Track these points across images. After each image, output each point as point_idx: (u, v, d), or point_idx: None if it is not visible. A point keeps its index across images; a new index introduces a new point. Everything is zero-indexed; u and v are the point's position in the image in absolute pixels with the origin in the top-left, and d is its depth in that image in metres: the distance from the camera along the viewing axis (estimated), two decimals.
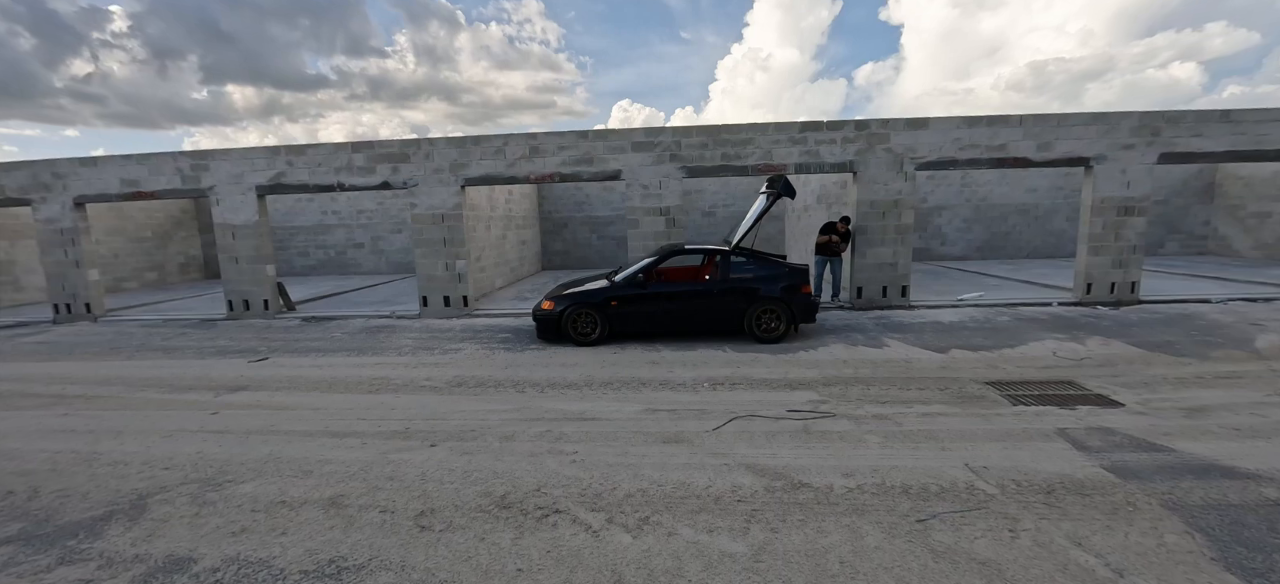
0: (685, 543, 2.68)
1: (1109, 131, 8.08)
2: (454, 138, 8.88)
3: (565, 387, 5.26)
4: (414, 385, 5.43)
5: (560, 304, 6.77)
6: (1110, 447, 3.66)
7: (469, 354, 6.57)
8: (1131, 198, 8.17)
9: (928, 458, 3.56)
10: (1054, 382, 5.05)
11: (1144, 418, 4.13)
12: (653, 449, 3.78)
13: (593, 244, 15.82)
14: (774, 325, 6.61)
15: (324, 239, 15.61)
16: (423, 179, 8.91)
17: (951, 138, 8.29)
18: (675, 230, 8.87)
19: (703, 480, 3.30)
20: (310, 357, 6.67)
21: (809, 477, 3.32)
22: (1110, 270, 8.30)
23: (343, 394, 5.23)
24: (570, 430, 4.15)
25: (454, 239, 9.02)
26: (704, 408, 4.58)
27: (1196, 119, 8.03)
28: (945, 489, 3.14)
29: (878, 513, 2.91)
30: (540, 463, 3.60)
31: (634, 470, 3.46)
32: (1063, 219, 14.74)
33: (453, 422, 4.41)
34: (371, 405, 4.87)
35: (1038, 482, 3.21)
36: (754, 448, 3.76)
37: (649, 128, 8.68)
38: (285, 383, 5.63)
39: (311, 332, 8.14)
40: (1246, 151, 8.03)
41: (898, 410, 4.42)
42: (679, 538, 2.72)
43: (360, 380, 5.64)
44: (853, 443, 3.82)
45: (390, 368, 6.08)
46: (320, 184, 9.08)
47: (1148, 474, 3.26)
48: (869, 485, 3.20)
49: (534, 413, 4.57)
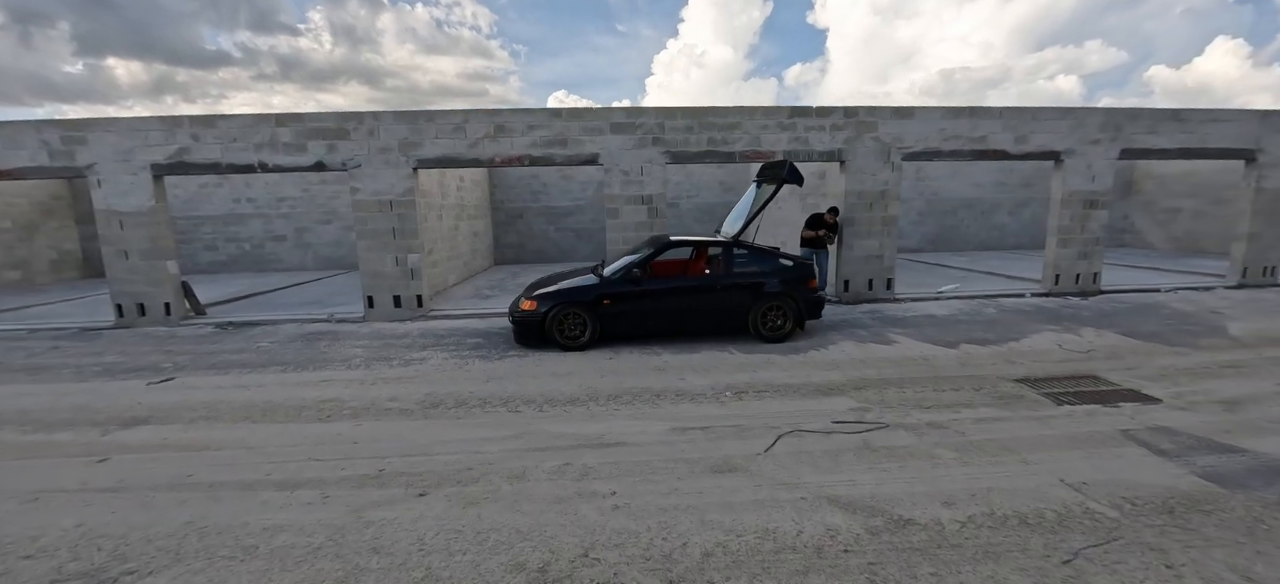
0: None
1: (1078, 127, 8.31)
2: (404, 112, 7.69)
3: (566, 402, 4.46)
4: (377, 408, 4.42)
5: (544, 304, 5.91)
6: (1184, 449, 3.43)
7: (437, 365, 5.57)
8: (1096, 191, 8.46)
9: (1017, 475, 3.14)
10: (1078, 376, 4.89)
11: (1190, 414, 3.99)
12: (705, 483, 3.11)
13: (550, 236, 14.81)
14: (781, 323, 6.13)
15: (236, 230, 13.51)
16: (366, 159, 7.65)
17: (936, 128, 8.21)
18: (658, 221, 8.21)
19: (787, 524, 2.68)
20: (232, 374, 5.39)
21: (906, 509, 2.79)
22: (1076, 262, 8.58)
23: (283, 424, 4.13)
24: (594, 461, 3.40)
25: (405, 230, 7.84)
26: (739, 423, 3.97)
27: (1152, 117, 8.43)
28: (1063, 516, 2.71)
29: (1013, 555, 2.42)
30: (573, 512, 2.82)
31: (696, 515, 2.77)
32: (1005, 213, 15.56)
33: (440, 458, 3.51)
34: (325, 439, 3.84)
35: (1149, 498, 2.86)
36: (823, 473, 3.20)
37: (629, 108, 7.94)
38: (202, 412, 4.41)
39: (230, 341, 6.72)
40: (1193, 149, 8.54)
41: (949, 417, 4.03)
42: None
43: (304, 404, 4.53)
44: (927, 460, 3.35)
45: (341, 386, 4.98)
46: (236, 163, 7.56)
47: (1246, 480, 3.02)
48: (979, 517, 2.72)
49: (540, 439, 3.75)
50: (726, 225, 7.75)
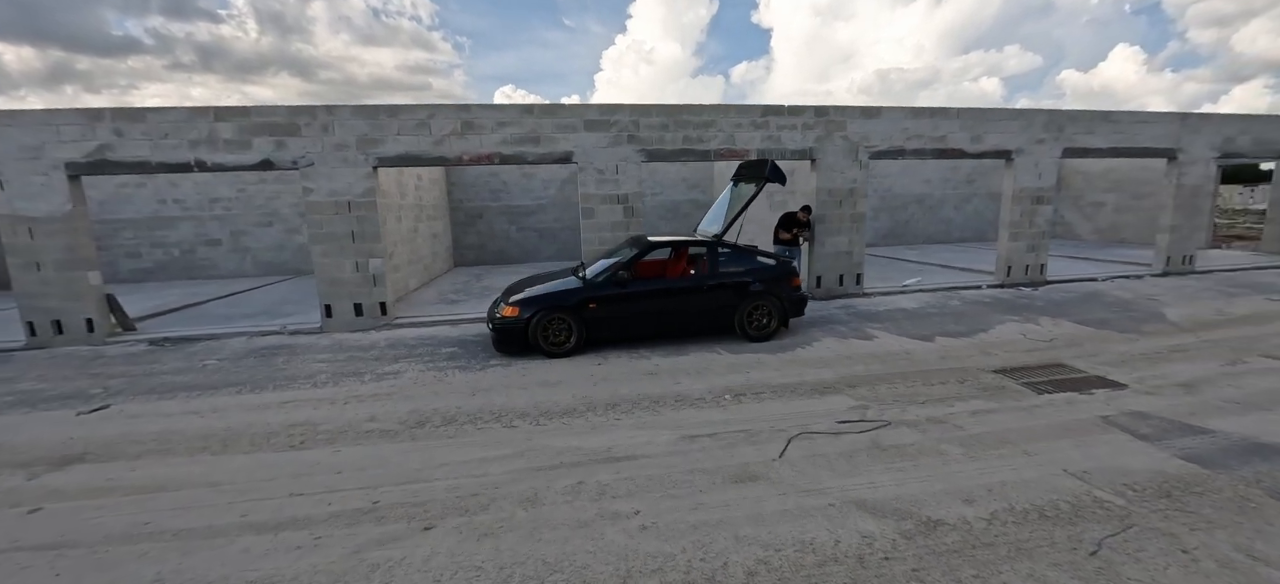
0: None
1: (1027, 127, 8.83)
2: (363, 107, 7.16)
3: (563, 414, 4.26)
4: (355, 431, 4.05)
5: (527, 309, 5.66)
6: (1161, 432, 3.66)
7: (414, 379, 5.21)
8: (1042, 188, 9.04)
9: (1023, 468, 3.25)
10: (1048, 365, 5.17)
11: (1156, 398, 4.28)
12: (728, 494, 3.03)
13: (512, 237, 14.34)
14: (766, 322, 6.15)
15: (163, 235, 12.23)
16: (321, 157, 7.07)
17: (900, 127, 8.50)
18: (634, 221, 8.07)
19: (822, 534, 2.63)
20: (179, 398, 4.82)
21: (932, 509, 2.81)
22: (1026, 254, 9.14)
23: (251, 455, 3.71)
24: (608, 478, 3.24)
25: (367, 232, 7.31)
26: (745, 427, 3.91)
27: (1089, 119, 9.08)
28: (1077, 506, 2.81)
29: (1043, 550, 2.47)
30: (600, 537, 2.66)
31: (728, 531, 2.68)
32: (950, 208, 16.44)
33: (439, 483, 3.24)
34: (303, 469, 3.48)
35: (1144, 483, 3.02)
36: (841, 476, 3.18)
37: (603, 105, 7.74)
38: (151, 445, 3.90)
39: (169, 360, 6.03)
40: (1123, 148, 9.27)
41: (944, 411, 4.13)
42: None
43: (271, 430, 4.10)
44: (936, 457, 3.41)
45: (310, 407, 4.55)
46: (169, 162, 6.79)
47: (1222, 460, 3.25)
48: (1001, 513, 2.77)
49: (545, 456, 3.55)
50: (704, 225, 7.73)
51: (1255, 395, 4.24)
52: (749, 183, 7.25)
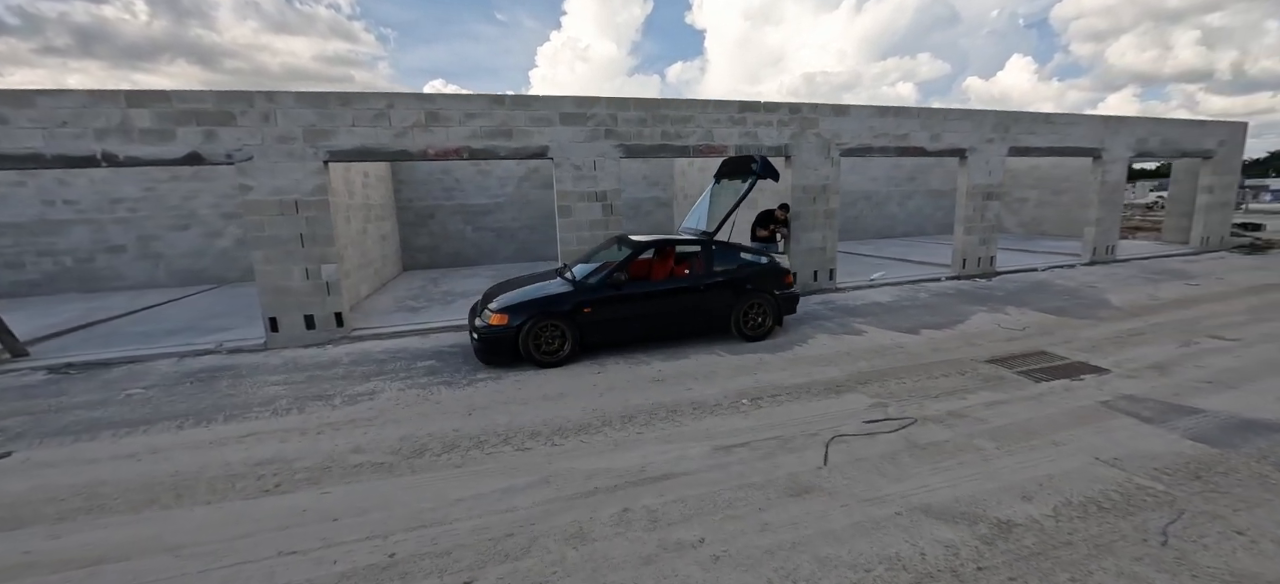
0: None
1: (978, 127, 9.35)
2: (309, 94, 6.36)
3: (577, 431, 3.91)
4: (340, 465, 3.50)
5: (517, 316, 5.22)
6: (1159, 415, 3.87)
7: (394, 399, 4.64)
8: (991, 185, 9.61)
9: (1059, 458, 3.29)
10: (1031, 353, 5.41)
11: (1138, 381, 4.55)
12: (790, 510, 2.84)
13: (467, 237, 13.52)
14: (762, 321, 6.06)
15: (52, 241, 10.41)
16: (261, 151, 6.21)
17: (867, 126, 8.72)
18: (613, 219, 7.76)
19: (904, 548, 2.49)
20: (103, 438, 3.99)
21: (995, 509, 2.76)
22: (979, 247, 9.69)
23: (214, 505, 3.09)
24: (653, 502, 2.95)
25: (318, 235, 6.52)
26: (777, 434, 3.75)
27: (1031, 120, 9.76)
28: (1126, 495, 2.86)
29: (1119, 544, 2.46)
30: (672, 574, 2.38)
31: (807, 553, 2.48)
32: (894, 205, 17.32)
33: (462, 524, 2.82)
34: (289, 519, 2.92)
35: (1172, 467, 3.14)
36: (894, 481, 3.08)
37: (580, 97, 7.35)
38: (77, 502, 3.15)
39: (80, 391, 5.04)
40: (1059, 147, 10.06)
41: (959, 404, 4.18)
42: None
43: (233, 471, 3.45)
44: (974, 453, 3.39)
45: (277, 439, 3.91)
46: (68, 155, 5.71)
47: (1224, 438, 3.46)
48: (1062, 508, 2.76)
49: (574, 483, 3.20)
50: (688, 222, 7.56)
51: (1220, 374, 4.61)
52: (732, 180, 7.16)
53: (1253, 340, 5.48)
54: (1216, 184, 11.41)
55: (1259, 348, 5.23)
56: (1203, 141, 11.14)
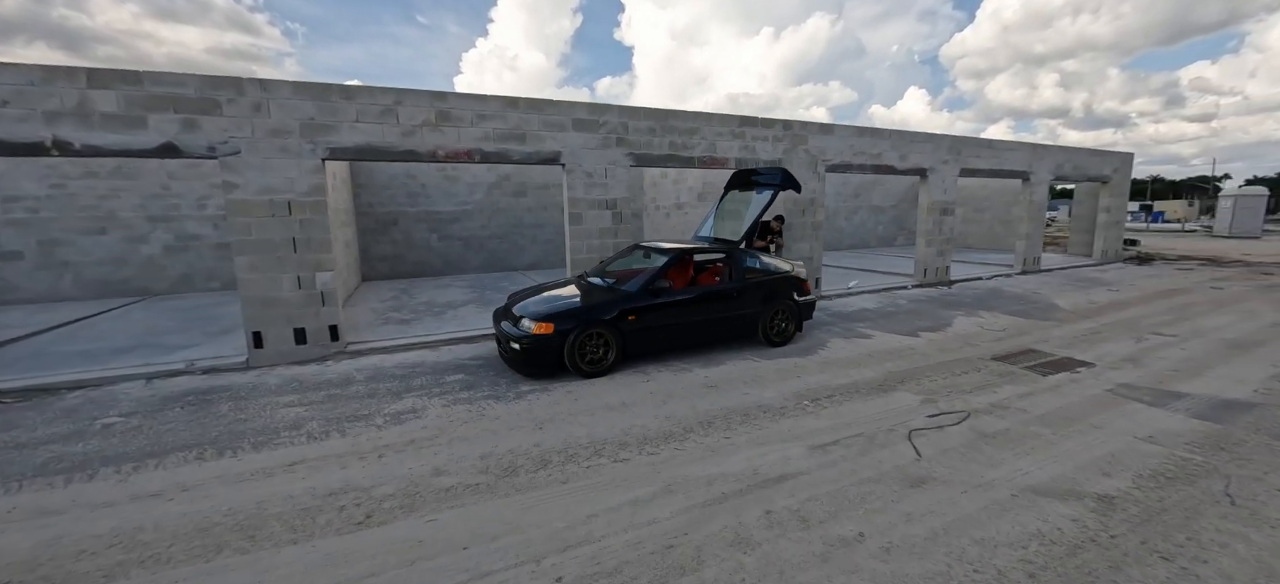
0: None
1: (936, 150, 10.35)
2: (308, 85, 5.80)
3: (662, 439, 3.86)
4: (428, 489, 3.20)
5: (564, 324, 5.04)
6: (1158, 399, 4.49)
7: (444, 416, 4.31)
8: (947, 201, 10.65)
9: (1107, 439, 3.73)
10: (1023, 351, 6.06)
11: (1121, 372, 5.25)
12: (921, 500, 2.99)
13: (433, 246, 12.77)
14: (785, 326, 6.29)
15: None
16: (250, 145, 5.56)
17: (848, 144, 9.37)
18: (623, 227, 7.72)
19: (1043, 524, 2.72)
20: (108, 478, 3.34)
21: (1088, 486, 3.09)
22: (936, 258, 10.68)
23: (304, 544, 2.71)
24: (789, 502, 2.99)
25: (313, 240, 5.92)
26: (857, 431, 3.93)
27: (976, 145, 10.96)
28: (1180, 465, 3.31)
29: (1201, 506, 2.85)
30: (855, 569, 2.43)
31: (963, 535, 2.64)
32: (842, 219, 18.59)
33: (611, 540, 2.69)
34: (407, 554, 2.63)
35: (1197, 440, 3.67)
36: (989, 467, 3.35)
37: (592, 104, 7.29)
38: (121, 555, 2.62)
39: (37, 423, 4.18)
40: (998, 169, 11.36)
41: (996, 398, 4.59)
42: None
43: (302, 505, 3.04)
44: (1037, 439, 3.76)
45: (335, 466, 3.49)
46: (9, 141, 4.78)
47: (1219, 416, 4.08)
48: (1142, 480, 3.14)
49: (696, 489, 3.16)
50: (701, 232, 7.68)
51: (1180, 364, 5.43)
52: (743, 191, 7.40)
53: (1187, 336, 6.50)
54: (1112, 205, 13.44)
55: (1195, 342, 6.22)
56: (1103, 168, 13.09)
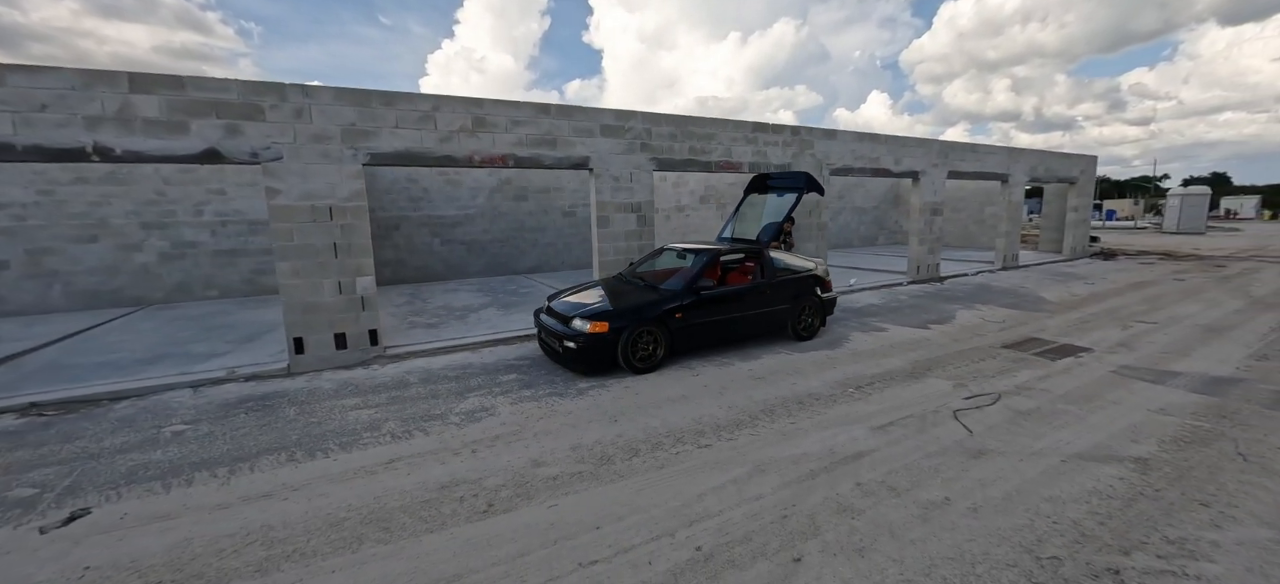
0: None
1: (927, 154, 10.99)
2: (349, 90, 5.83)
3: (735, 426, 4.13)
4: (532, 479, 3.38)
5: (618, 322, 5.26)
6: (1157, 378, 5.03)
7: (516, 412, 4.47)
8: (937, 202, 11.31)
9: (1127, 413, 4.20)
10: (1027, 340, 6.59)
11: (1118, 356, 5.81)
12: (985, 467, 3.35)
13: (435, 250, 12.69)
14: (812, 321, 6.66)
15: None
16: (293, 150, 5.57)
17: (850, 149, 9.88)
18: (646, 230, 7.96)
19: (1095, 483, 3.12)
20: (206, 483, 3.38)
21: (1122, 450, 3.52)
22: (927, 256, 11.32)
23: (441, 533, 2.85)
24: (877, 476, 3.30)
25: (354, 245, 5.95)
26: (907, 413, 4.29)
27: (962, 149, 11.67)
28: (1192, 432, 3.78)
29: (1223, 464, 3.30)
30: (954, 527, 2.76)
31: (1035, 493, 3.00)
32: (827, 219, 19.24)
33: (732, 514, 2.94)
34: (542, 536, 2.82)
35: (1200, 411, 4.17)
36: (1034, 438, 3.75)
37: (618, 111, 7.51)
38: (263, 552, 2.71)
39: (101, 434, 4.12)
40: (981, 172, 12.11)
41: (1017, 381, 5.05)
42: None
43: (417, 498, 3.18)
44: (1067, 416, 4.19)
45: (433, 461, 3.61)
46: (48, 146, 4.67)
47: (1213, 391, 4.63)
48: (1166, 444, 3.59)
49: (789, 469, 3.44)
50: (723, 233, 7.99)
51: (1167, 347, 6.04)
52: (763, 194, 7.76)
53: (1165, 323, 7.19)
54: (1079, 204, 14.49)
55: (1174, 328, 6.90)
56: (1071, 170, 14.09)
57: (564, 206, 14.35)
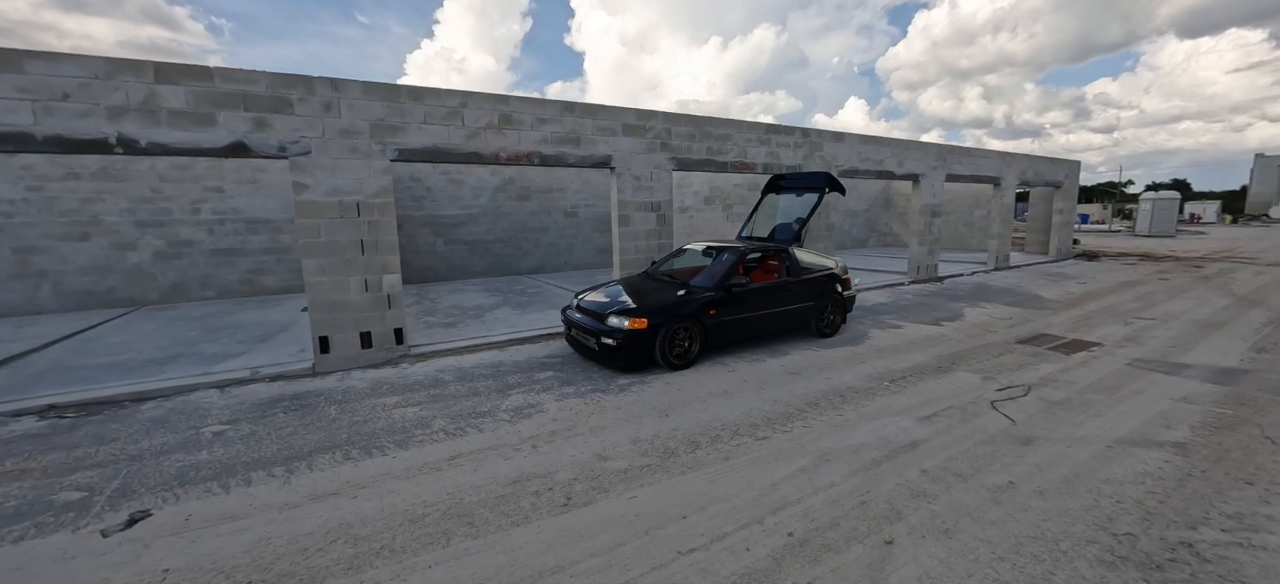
0: None
1: (926, 157, 11.29)
2: (377, 85, 5.75)
3: (786, 419, 4.20)
4: (599, 473, 3.39)
5: (656, 319, 5.29)
6: (1169, 370, 5.28)
7: (564, 409, 4.46)
8: (936, 204, 11.63)
9: (1151, 402, 4.40)
10: (1039, 335, 6.84)
11: (1127, 349, 6.08)
12: (1037, 453, 3.48)
13: (438, 251, 12.52)
14: (835, 319, 6.80)
15: None
16: (321, 145, 5.46)
17: (856, 151, 10.10)
18: (666, 229, 8.01)
19: (1142, 466, 3.27)
20: (265, 483, 3.30)
21: (1159, 436, 3.70)
22: (927, 257, 11.63)
23: (528, 527, 2.85)
24: (938, 463, 3.41)
25: (381, 242, 5.86)
26: (947, 404, 4.42)
27: (959, 153, 12.02)
28: (1217, 419, 3.99)
29: (1255, 447, 3.50)
30: (1025, 508, 2.87)
31: (1092, 477, 3.14)
32: None
33: (811, 500, 3.01)
34: (636, 526, 2.83)
35: (1217, 400, 4.40)
36: (1073, 427, 3.91)
37: (639, 110, 7.55)
38: (351, 549, 2.67)
39: (138, 436, 3.97)
40: (976, 175, 12.49)
41: (1039, 374, 5.24)
42: None
43: (491, 495, 3.16)
44: (1097, 406, 4.38)
45: (497, 458, 3.59)
46: (70, 137, 4.50)
47: (1224, 381, 4.88)
48: (1197, 430, 3.78)
49: (852, 459, 3.52)
50: (743, 233, 8.08)
51: (1171, 342, 6.34)
52: (780, 195, 7.90)
53: (1163, 319, 7.54)
54: (1064, 207, 15.05)
55: (1172, 324, 7.24)
56: (1057, 175, 14.64)
57: (566, 207, 14.30)
